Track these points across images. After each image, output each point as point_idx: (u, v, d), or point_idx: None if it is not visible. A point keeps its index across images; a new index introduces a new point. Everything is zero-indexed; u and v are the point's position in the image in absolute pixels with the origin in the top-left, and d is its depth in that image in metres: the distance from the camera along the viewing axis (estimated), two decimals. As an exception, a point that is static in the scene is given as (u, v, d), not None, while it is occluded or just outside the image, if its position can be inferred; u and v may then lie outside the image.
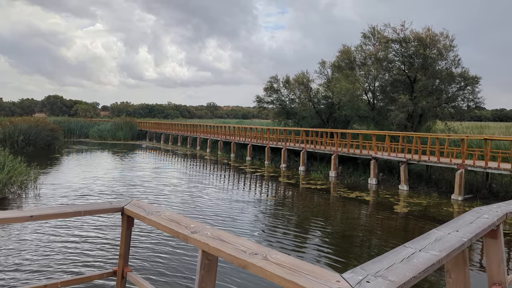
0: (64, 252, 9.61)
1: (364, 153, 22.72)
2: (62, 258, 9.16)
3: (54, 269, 8.47)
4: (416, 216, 14.32)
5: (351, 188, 19.98)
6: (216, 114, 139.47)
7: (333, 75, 31.95)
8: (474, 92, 26.21)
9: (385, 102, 28.51)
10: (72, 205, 3.33)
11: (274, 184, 21.49)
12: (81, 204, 3.22)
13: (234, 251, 2.14)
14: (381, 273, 1.89)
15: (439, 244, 2.45)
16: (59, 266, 8.63)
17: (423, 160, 19.44)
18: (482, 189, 17.92)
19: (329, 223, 13.51)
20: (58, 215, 3.04)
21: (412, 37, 26.40)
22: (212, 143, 39.27)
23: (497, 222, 3.14)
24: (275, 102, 35.09)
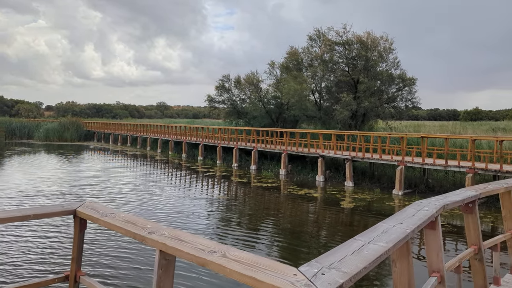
0: (10, 256, 9.09)
1: (312, 151, 23.22)
2: (8, 263, 8.66)
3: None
4: (361, 211, 14.84)
5: (300, 185, 20.34)
6: (167, 114, 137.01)
7: (281, 75, 32.38)
8: (412, 92, 27.61)
9: (331, 102, 29.27)
10: (21, 208, 3.17)
11: (227, 183, 21.47)
12: (31, 208, 3.06)
13: (193, 250, 2.13)
14: (334, 265, 1.95)
15: (386, 236, 2.56)
16: (3, 273, 8.16)
17: (366, 157, 20.17)
18: (420, 184, 18.86)
19: (280, 219, 13.70)
20: (4, 220, 2.78)
21: (355, 40, 27.31)
22: (163, 143, 38.60)
23: (436, 214, 3.33)
24: (226, 101, 35.04)
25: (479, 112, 67.92)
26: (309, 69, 29.55)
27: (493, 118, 64.66)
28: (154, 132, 42.36)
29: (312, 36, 29.68)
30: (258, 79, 33.81)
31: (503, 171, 15.05)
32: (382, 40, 27.60)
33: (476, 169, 15.81)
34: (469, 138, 17.19)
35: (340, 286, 1.77)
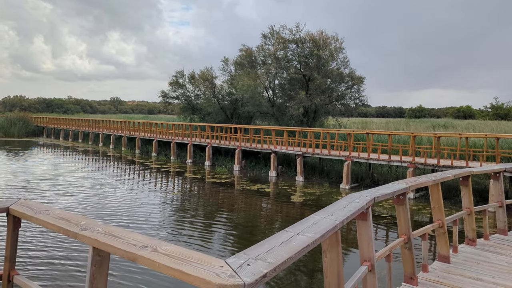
0: None
1: (265, 147, 23.45)
2: None
3: None
4: (310, 205, 15.19)
5: (253, 181, 20.50)
6: (121, 109, 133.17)
7: (236, 72, 32.37)
8: (360, 91, 28.48)
9: (284, 99, 29.62)
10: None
11: (181, 179, 21.27)
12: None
13: (124, 245, 2.13)
14: (261, 256, 2.03)
15: (315, 227, 2.66)
16: None
17: (316, 153, 20.63)
18: (366, 178, 19.54)
19: (234, 215, 13.77)
20: None
21: (308, 38, 27.76)
22: (116, 139, 37.58)
23: (366, 206, 3.50)
24: (180, 97, 34.61)
25: (422, 109, 70.94)
26: (262, 66, 29.74)
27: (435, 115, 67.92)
28: (107, 128, 41.12)
29: (266, 34, 29.88)
30: (213, 75, 33.64)
31: (440, 165, 15.88)
32: (333, 40, 28.24)
33: (416, 163, 16.59)
34: (410, 135, 17.98)
35: (264, 275, 1.84)
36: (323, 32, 28.03)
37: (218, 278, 1.71)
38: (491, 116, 53.26)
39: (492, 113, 55.44)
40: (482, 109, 61.23)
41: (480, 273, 5.03)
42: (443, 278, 4.83)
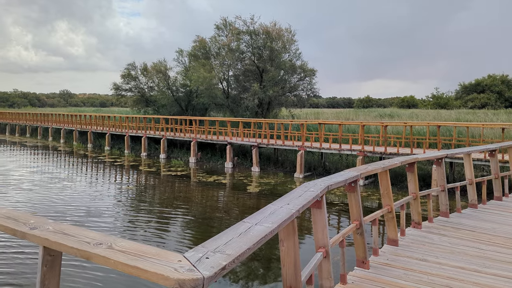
0: None
1: (221, 139, 23.34)
2: None
3: None
4: (266, 194, 15.31)
5: (209, 172, 20.37)
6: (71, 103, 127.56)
7: (190, 63, 31.82)
8: (312, 82, 28.91)
9: (239, 91, 29.55)
10: None
11: (135, 173, 20.76)
12: None
13: (77, 243, 2.03)
14: (219, 249, 2.00)
15: (272, 217, 2.67)
16: None
17: (271, 143, 20.80)
18: (318, 167, 19.95)
19: (191, 207, 13.63)
20: None
21: (261, 30, 27.76)
22: (67, 134, 36.06)
23: (320, 194, 3.56)
24: (133, 89, 33.62)
25: (370, 100, 73.25)
26: (217, 57, 29.45)
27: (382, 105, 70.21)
28: (57, 122, 39.32)
29: (220, 25, 29.57)
30: (166, 66, 32.91)
31: (387, 153, 16.49)
32: (286, 32, 28.39)
33: (365, 152, 17.13)
34: (359, 124, 18.51)
35: (223, 268, 1.82)
36: (276, 24, 28.15)
37: (177, 273, 1.67)
38: (432, 105, 55.90)
39: (433, 102, 58.18)
40: (424, 99, 64.10)
41: (426, 254, 5.27)
42: (392, 261, 5.02)
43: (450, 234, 6.17)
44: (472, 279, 4.48)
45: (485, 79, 59.48)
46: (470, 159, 7.99)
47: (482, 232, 6.27)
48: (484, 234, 6.17)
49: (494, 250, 5.48)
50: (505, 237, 6.03)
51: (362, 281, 4.42)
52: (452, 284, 4.35)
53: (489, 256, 5.22)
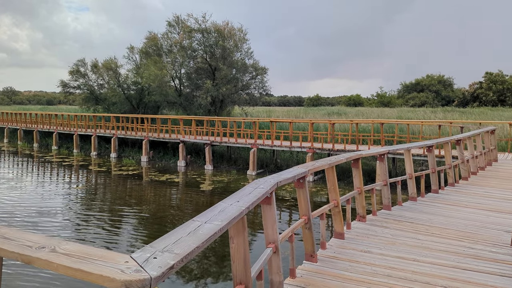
0: None
1: (173, 137, 23.00)
2: None
3: None
4: (220, 192, 15.28)
5: (162, 171, 20.01)
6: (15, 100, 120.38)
7: (141, 61, 31.02)
8: (263, 81, 29.14)
9: (191, 89, 29.22)
10: None
11: (85, 173, 20.00)
12: None
13: (18, 247, 1.93)
14: (168, 248, 1.97)
15: (222, 214, 2.66)
16: None
17: (224, 141, 20.76)
18: (270, 164, 20.19)
19: (143, 207, 13.33)
20: None
21: (213, 28, 27.62)
22: (11, 133, 34.06)
23: (270, 190, 3.59)
24: (82, 87, 32.27)
25: (319, 98, 75.00)
26: (169, 55, 28.93)
27: (330, 103, 72.15)
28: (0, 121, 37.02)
29: (171, 22, 29.06)
30: (117, 63, 31.86)
31: (334, 149, 16.97)
32: (238, 31, 28.40)
33: (315, 148, 17.53)
34: (309, 122, 18.92)
35: (171, 267, 1.80)
36: (228, 23, 28.10)
37: (123, 274, 1.62)
38: (377, 103, 58.16)
39: (378, 101, 60.56)
40: (370, 98, 66.54)
41: (369, 246, 5.48)
42: (339, 254, 5.17)
43: (392, 226, 6.46)
44: (411, 268, 4.71)
45: (424, 79, 62.72)
46: (410, 154, 8.39)
47: (420, 224, 6.60)
48: (422, 225, 6.50)
49: (431, 240, 5.79)
50: (440, 227, 6.39)
51: (311, 274, 4.52)
52: (393, 273, 4.55)
53: (426, 246, 5.52)
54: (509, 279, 4.46)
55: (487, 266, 4.85)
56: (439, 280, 4.39)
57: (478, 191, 9.13)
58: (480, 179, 10.58)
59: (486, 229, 6.35)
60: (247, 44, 28.71)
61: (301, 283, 4.26)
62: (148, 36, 30.06)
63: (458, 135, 11.00)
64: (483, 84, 54.79)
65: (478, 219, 6.94)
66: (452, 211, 7.42)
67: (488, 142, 13.09)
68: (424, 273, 4.57)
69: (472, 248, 5.47)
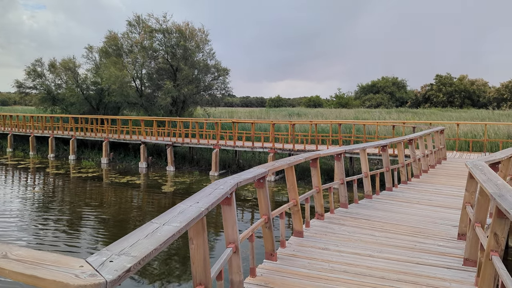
0: None
1: (134, 138, 22.51)
2: None
3: None
4: (182, 193, 15.11)
5: (123, 173, 19.54)
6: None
7: (101, 60, 30.14)
8: (225, 82, 29.10)
9: (153, 89, 28.71)
10: None
11: (42, 175, 19.20)
12: None
13: (-34, 255, 1.84)
14: (125, 251, 1.95)
15: (181, 216, 2.65)
16: None
17: (186, 142, 20.54)
18: (233, 164, 20.18)
19: (103, 210, 12.96)
20: None
21: (174, 29, 27.29)
22: (-40, 134, 32.15)
23: (230, 191, 3.61)
24: (39, 87, 30.93)
25: (280, 99, 75.78)
26: (129, 55, 28.28)
27: (291, 104, 73.03)
28: None
29: (132, 22, 28.43)
30: (75, 63, 30.76)
31: (295, 150, 17.20)
32: (199, 32, 28.20)
33: (276, 149, 17.70)
34: (270, 123, 19.07)
35: (127, 270, 1.77)
36: (189, 23, 27.85)
37: (77, 279, 1.59)
38: (335, 104, 59.47)
39: (336, 102, 61.92)
40: (328, 99, 67.91)
41: (327, 243, 5.61)
42: (298, 251, 5.26)
43: (349, 223, 6.63)
44: (367, 264, 4.86)
45: (380, 81, 64.78)
46: (365, 154, 8.65)
47: (375, 220, 6.82)
48: (377, 222, 6.72)
49: (385, 236, 6.00)
50: (394, 224, 6.63)
51: (270, 273, 4.56)
52: (350, 269, 4.68)
53: (381, 242, 5.71)
54: (456, 271, 4.70)
55: (436, 259, 5.08)
56: (392, 274, 4.56)
57: (429, 188, 9.54)
58: (431, 177, 11.05)
59: (436, 224, 6.65)
60: (209, 45, 28.59)
61: (261, 282, 4.30)
62: (108, 36, 29.26)
63: (410, 135, 11.43)
64: (433, 86, 57.31)
65: (428, 215, 7.25)
66: (405, 208, 7.71)
67: (438, 141, 13.70)
68: (379, 268, 4.72)
69: (423, 242, 5.72)
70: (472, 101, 54.54)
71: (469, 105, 52.26)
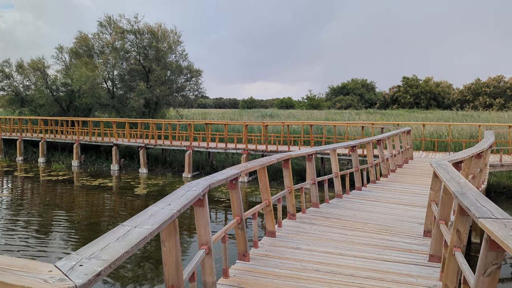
0: None
1: (106, 140, 22.05)
2: None
3: None
4: (155, 196, 14.91)
5: (94, 176, 19.12)
6: None
7: (71, 61, 29.39)
8: (198, 83, 28.93)
9: (125, 90, 28.23)
10: None
11: (10, 179, 18.55)
12: None
13: None
14: (95, 255, 1.92)
15: (153, 218, 2.63)
16: None
17: (159, 144, 20.30)
18: (206, 166, 20.08)
19: (74, 213, 12.65)
20: None
21: (146, 30, 26.94)
22: None
23: (202, 193, 3.60)
24: (6, 88, 29.83)
25: (253, 101, 75.89)
26: (100, 56, 27.70)
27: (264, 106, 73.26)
28: None
29: (103, 22, 27.86)
30: (45, 64, 29.85)
31: (268, 150, 17.28)
32: (171, 33, 27.94)
33: (249, 150, 17.74)
34: (243, 124, 19.09)
35: (98, 274, 1.75)
36: (162, 24, 27.55)
37: (46, 284, 1.56)
38: (307, 106, 60.09)
39: (308, 103, 62.58)
40: (300, 100, 68.55)
41: (299, 242, 5.67)
42: (270, 251, 5.29)
43: (320, 222, 6.73)
44: (337, 262, 4.95)
45: (350, 82, 65.93)
46: (335, 154, 8.80)
47: (345, 219, 6.95)
48: (347, 221, 6.85)
49: (355, 234, 6.12)
50: (363, 222, 6.78)
51: (243, 273, 4.58)
52: (321, 268, 4.75)
53: (351, 240, 5.82)
54: (422, 267, 4.85)
55: (403, 256, 5.23)
56: (361, 271, 4.66)
57: (397, 187, 9.79)
58: (398, 176, 11.35)
59: (403, 222, 6.83)
60: (182, 46, 28.37)
61: (234, 283, 4.31)
62: (78, 36, 28.57)
63: (379, 136, 11.69)
64: (401, 88, 58.76)
65: (396, 213, 7.44)
66: (374, 207, 7.89)
67: (405, 141, 14.08)
68: (349, 266, 4.82)
69: (391, 240, 5.87)
70: (437, 103, 56.24)
71: (435, 106, 53.86)
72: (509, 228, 2.47)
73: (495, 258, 2.65)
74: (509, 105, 48.77)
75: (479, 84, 53.26)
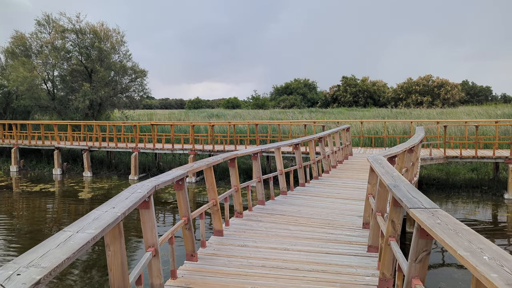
0: None
1: (47, 143, 20.87)
2: None
3: None
4: (100, 200, 14.32)
5: (35, 181, 18.02)
6: None
7: (7, 62, 27.47)
8: (143, 84, 28.20)
9: (67, 92, 26.88)
10: None
11: None
12: None
13: None
14: (34, 262, 1.84)
15: (96, 222, 2.55)
16: None
17: (103, 146, 19.53)
18: (153, 167, 19.61)
19: (14, 221, 11.85)
20: None
21: (88, 29, 25.84)
22: None
23: (148, 194, 3.53)
24: None
25: (199, 101, 75.14)
26: (39, 56, 26.12)
27: (210, 106, 72.80)
28: None
29: (41, 21, 26.30)
30: (-23, 65, 27.63)
31: (215, 150, 17.21)
32: (114, 33, 27.00)
33: (196, 150, 17.57)
34: (190, 124, 18.87)
35: (37, 282, 1.68)
36: (104, 24, 26.52)
37: (-21, 297, 1.47)
38: (253, 105, 60.59)
39: (253, 103, 63.12)
40: (246, 100, 68.96)
41: (246, 240, 5.71)
42: (218, 250, 5.29)
43: (266, 219, 6.82)
44: (283, 257, 5.04)
45: (292, 82, 67.34)
46: (279, 152, 8.96)
47: (290, 215, 7.10)
48: (292, 217, 7.00)
49: (299, 229, 6.27)
50: (307, 217, 6.96)
51: (191, 273, 4.54)
52: (267, 263, 4.82)
53: (296, 235, 5.96)
54: (361, 258, 5.07)
55: (344, 248, 5.44)
56: (306, 265, 4.78)
57: (338, 183, 10.15)
58: (339, 172, 11.77)
59: (344, 216, 7.10)
60: (125, 46, 27.53)
61: (182, 283, 4.26)
62: (15, 36, 26.76)
63: (320, 134, 12.03)
64: (340, 87, 60.92)
65: (337, 207, 7.72)
66: (317, 202, 8.13)
67: (345, 138, 14.62)
68: (294, 260, 4.93)
69: (333, 233, 6.08)
70: (374, 101, 58.91)
71: (372, 104, 56.37)
72: (436, 216, 2.62)
73: (425, 246, 2.83)
74: (437, 102, 52.18)
75: (410, 83, 56.47)
